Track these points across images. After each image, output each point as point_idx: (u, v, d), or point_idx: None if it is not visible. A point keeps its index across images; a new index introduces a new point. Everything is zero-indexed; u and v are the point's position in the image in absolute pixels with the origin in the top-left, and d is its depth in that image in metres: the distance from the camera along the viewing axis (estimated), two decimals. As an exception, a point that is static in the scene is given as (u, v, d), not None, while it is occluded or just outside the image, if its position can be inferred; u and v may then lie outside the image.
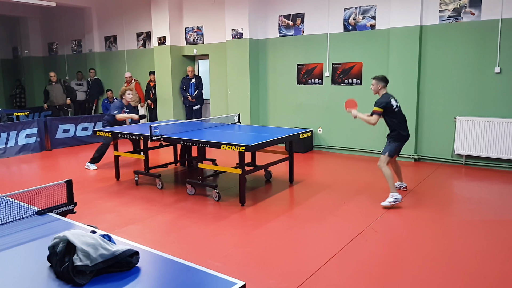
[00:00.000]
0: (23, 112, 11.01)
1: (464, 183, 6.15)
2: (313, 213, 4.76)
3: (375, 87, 5.18)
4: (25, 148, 8.59)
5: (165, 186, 5.92)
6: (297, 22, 8.53)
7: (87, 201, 5.28)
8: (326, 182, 6.09)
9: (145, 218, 4.65)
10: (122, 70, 11.62)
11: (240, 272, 3.31)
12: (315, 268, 3.36)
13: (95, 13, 12.06)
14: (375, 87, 5.17)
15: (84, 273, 1.70)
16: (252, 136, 5.68)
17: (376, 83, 5.16)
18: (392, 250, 3.81)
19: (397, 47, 7.26)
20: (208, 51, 9.95)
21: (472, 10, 6.65)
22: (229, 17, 9.03)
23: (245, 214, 4.77)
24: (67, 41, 13.14)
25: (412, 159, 7.34)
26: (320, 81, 8.38)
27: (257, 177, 6.31)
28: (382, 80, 5.16)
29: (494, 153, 6.60)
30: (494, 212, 4.72)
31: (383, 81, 5.16)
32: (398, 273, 3.33)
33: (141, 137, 5.71)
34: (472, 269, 3.35)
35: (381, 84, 5.15)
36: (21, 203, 2.62)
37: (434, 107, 7.15)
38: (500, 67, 6.50)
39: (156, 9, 10.16)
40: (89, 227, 2.26)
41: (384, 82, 5.17)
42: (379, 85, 5.15)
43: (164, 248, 3.68)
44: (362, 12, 7.70)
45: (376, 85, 5.16)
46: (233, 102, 9.26)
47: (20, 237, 2.20)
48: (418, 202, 5.09)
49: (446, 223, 4.41)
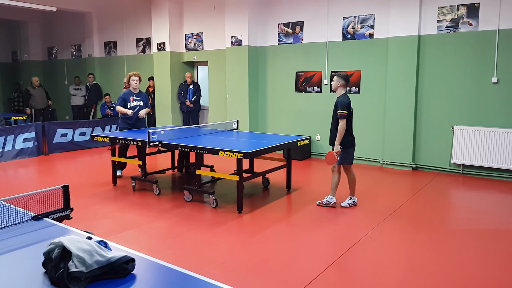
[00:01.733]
0: (21, 116, 11.00)
1: (461, 192, 6.15)
2: (311, 220, 4.75)
3: (335, 83, 5.11)
4: (22, 152, 8.56)
5: (162, 192, 5.90)
6: (297, 30, 8.57)
7: (83, 206, 5.25)
8: (324, 189, 6.07)
9: (142, 224, 4.63)
10: (121, 76, 11.62)
11: (237, 280, 3.29)
12: (312, 276, 3.35)
13: (95, 18, 12.10)
14: (335, 84, 5.11)
15: (79, 280, 1.69)
16: (250, 143, 5.68)
17: (337, 80, 5.10)
18: (389, 259, 3.80)
19: (396, 56, 7.30)
20: (207, 57, 9.98)
21: (469, 20, 6.70)
22: (229, 24, 9.07)
23: (243, 221, 4.75)
24: (67, 45, 13.16)
25: (410, 167, 7.35)
26: (319, 88, 8.41)
27: (254, 184, 6.30)
28: (344, 79, 5.10)
29: (491, 162, 6.61)
30: (491, 221, 4.71)
31: (344, 80, 5.09)
32: (395, 282, 3.32)
33: (139, 142, 5.70)
34: (469, 279, 3.34)
35: (342, 82, 5.08)
36: (17, 208, 2.61)
37: (432, 116, 7.18)
38: (497, 77, 6.54)
39: (156, 15, 10.20)
40: (85, 233, 2.25)
41: (345, 81, 5.10)
42: (339, 83, 5.09)
43: (161, 255, 3.66)
44: (361, 21, 7.75)
45: (337, 81, 5.10)
46: (231, 109, 9.27)
47: (15, 243, 2.18)
48: (415, 211, 5.08)
49: (443, 232, 4.40)
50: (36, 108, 11.50)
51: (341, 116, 4.94)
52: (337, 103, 5.03)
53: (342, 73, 5.28)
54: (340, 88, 5.11)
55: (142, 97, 6.83)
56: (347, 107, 4.97)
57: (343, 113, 4.93)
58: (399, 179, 6.74)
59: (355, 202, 5.28)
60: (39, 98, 11.47)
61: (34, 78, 11.55)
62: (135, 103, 6.69)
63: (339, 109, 4.96)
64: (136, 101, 6.69)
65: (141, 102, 6.78)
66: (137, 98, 6.71)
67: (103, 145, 9.61)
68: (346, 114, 4.95)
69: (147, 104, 6.93)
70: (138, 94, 6.77)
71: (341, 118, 4.94)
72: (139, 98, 6.73)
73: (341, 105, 4.96)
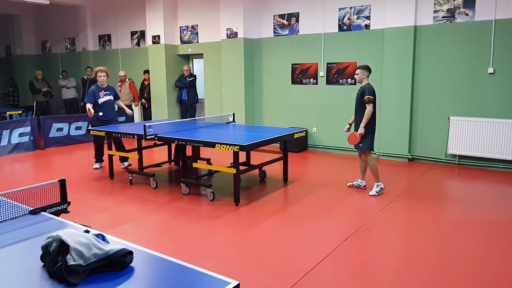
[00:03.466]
0: (16, 111, 10.94)
1: (457, 183, 6.19)
2: (307, 212, 4.77)
3: (360, 76, 5.33)
4: (18, 147, 8.53)
5: (159, 185, 5.91)
6: (292, 22, 8.54)
7: (80, 200, 5.25)
8: (321, 181, 6.10)
9: (139, 217, 4.64)
10: (116, 69, 11.56)
11: (234, 272, 3.31)
12: (309, 268, 3.37)
13: (89, 12, 12.00)
14: (360, 76, 5.33)
15: (77, 273, 1.69)
16: (247, 136, 5.68)
17: (361, 72, 5.32)
18: (385, 250, 3.83)
19: (391, 47, 7.29)
20: (202, 50, 9.93)
21: (466, 10, 6.69)
22: (224, 16, 9.02)
23: (240, 213, 4.77)
24: (61, 39, 13.06)
25: (406, 159, 7.38)
26: (315, 80, 8.40)
27: (251, 177, 6.32)
28: (367, 69, 5.35)
29: (487, 153, 6.65)
30: (487, 212, 4.75)
31: (368, 71, 5.35)
32: (392, 273, 3.35)
33: (135, 136, 5.69)
34: (465, 269, 3.37)
35: (367, 73, 5.33)
36: (14, 202, 2.60)
37: (428, 107, 7.19)
38: (493, 67, 6.55)
39: (150, 8, 10.12)
40: (83, 226, 2.25)
41: (369, 71, 5.36)
42: (365, 74, 5.32)
43: (158, 248, 3.67)
44: (357, 12, 7.72)
45: (362, 74, 5.32)
46: (227, 102, 9.25)
47: (13, 237, 2.18)
48: (411, 202, 5.12)
49: (439, 223, 4.44)
50: (39, 101, 11.63)
51: (369, 101, 5.18)
52: (364, 90, 5.26)
53: (363, 64, 5.45)
54: (365, 79, 5.34)
55: (111, 91, 6.88)
56: (373, 93, 5.23)
57: (370, 98, 5.18)
58: (395, 170, 6.77)
59: (382, 188, 5.42)
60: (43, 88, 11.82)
61: (38, 71, 11.85)
62: (106, 98, 6.74)
63: (367, 94, 5.20)
64: (106, 95, 6.74)
65: (111, 97, 6.84)
66: (107, 93, 6.76)
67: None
68: (373, 99, 5.20)
69: (116, 96, 7.00)
70: (107, 88, 6.80)
71: (368, 103, 5.18)
72: (108, 93, 6.78)
73: (368, 91, 5.21)
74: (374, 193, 5.35)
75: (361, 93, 5.30)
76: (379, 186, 5.39)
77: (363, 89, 5.28)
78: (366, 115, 5.19)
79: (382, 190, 5.40)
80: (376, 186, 5.39)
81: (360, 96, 5.30)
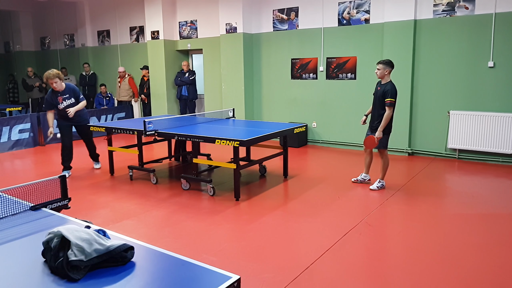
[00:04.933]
0: (16, 107, 10.94)
1: (457, 177, 6.19)
2: (308, 207, 4.78)
3: (381, 71, 5.08)
4: (18, 143, 8.53)
5: (160, 181, 5.91)
6: (292, 16, 8.51)
7: (81, 196, 5.26)
8: (321, 176, 6.11)
9: (140, 213, 4.65)
10: (116, 65, 11.54)
11: (235, 266, 3.33)
12: (309, 262, 3.38)
13: (87, 7, 11.95)
14: (382, 72, 5.08)
15: (78, 268, 1.70)
16: (247, 131, 5.68)
17: (383, 67, 5.07)
18: (385, 244, 3.84)
19: (391, 41, 7.27)
20: (202, 45, 9.91)
21: (466, 4, 6.67)
22: (223, 11, 8.98)
23: (240, 208, 4.78)
24: (60, 35, 13.02)
25: (406, 153, 7.38)
26: (315, 75, 8.38)
27: (251, 172, 6.32)
28: (389, 64, 5.09)
29: (487, 147, 6.65)
30: (487, 206, 4.76)
31: (391, 66, 5.10)
32: (392, 267, 3.36)
33: (135, 132, 5.69)
34: (465, 263, 3.39)
35: (389, 69, 5.09)
36: (15, 199, 2.61)
37: (427, 101, 7.18)
38: (493, 61, 6.53)
39: (149, 3, 10.08)
40: (84, 222, 2.26)
41: (391, 67, 5.10)
42: (387, 70, 5.08)
43: (159, 243, 3.68)
44: (357, 6, 7.69)
45: (383, 69, 5.07)
46: (227, 97, 9.24)
47: (14, 233, 2.19)
48: (411, 196, 5.13)
49: (439, 217, 4.45)
50: (33, 98, 11.61)
51: (391, 104, 5.01)
52: (386, 92, 5.02)
53: (386, 59, 5.16)
54: (387, 76, 5.10)
55: (70, 93, 6.16)
56: (396, 95, 5.03)
57: (392, 101, 5.00)
58: (395, 165, 6.77)
59: (383, 185, 5.41)
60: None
61: (28, 68, 11.81)
62: (66, 103, 6.10)
63: (388, 97, 4.99)
64: (66, 99, 6.10)
65: (72, 100, 6.16)
66: (66, 96, 6.09)
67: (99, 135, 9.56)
68: (394, 102, 5.03)
69: (79, 97, 6.25)
70: (64, 92, 6.10)
71: (390, 106, 5.02)
72: (68, 96, 6.11)
73: (390, 93, 5.00)
74: (375, 187, 5.36)
75: (382, 93, 5.07)
76: (381, 183, 5.38)
77: (386, 89, 5.03)
78: (386, 118, 5.04)
79: (383, 188, 5.39)
80: (379, 182, 5.39)
81: (382, 95, 5.08)
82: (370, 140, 5.19)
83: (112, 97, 11.23)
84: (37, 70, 13.20)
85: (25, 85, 11.77)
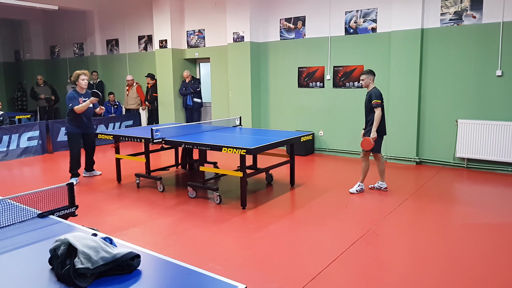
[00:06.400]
0: (25, 115, 11.06)
1: (466, 187, 6.13)
2: (314, 216, 4.75)
3: (366, 81, 5.51)
4: (27, 151, 8.61)
5: (166, 189, 5.92)
6: (298, 25, 8.55)
7: (88, 204, 5.28)
8: (328, 185, 6.08)
9: (146, 221, 4.65)
10: (124, 73, 11.64)
11: (241, 275, 3.31)
12: (316, 271, 3.35)
13: (97, 17, 12.11)
14: (366, 81, 5.51)
15: (85, 276, 1.70)
16: (253, 139, 5.68)
17: (366, 77, 5.50)
18: (393, 254, 3.80)
19: (399, 50, 7.26)
20: (209, 54, 9.97)
21: (473, 13, 6.65)
22: (230, 20, 9.05)
23: (246, 217, 4.76)
24: (69, 44, 13.19)
25: (414, 162, 7.33)
26: (322, 84, 8.38)
27: (258, 180, 6.31)
28: (371, 73, 5.53)
29: (496, 156, 6.58)
30: (496, 215, 4.70)
31: (373, 75, 5.53)
32: (400, 277, 3.32)
33: (143, 140, 5.72)
34: (474, 273, 3.34)
35: (371, 77, 5.51)
36: (22, 206, 2.63)
37: (435, 110, 7.15)
38: (501, 70, 6.49)
39: (157, 13, 10.19)
40: (90, 230, 2.26)
41: (373, 75, 5.54)
42: (370, 78, 5.50)
43: (165, 251, 3.68)
44: (363, 15, 7.71)
45: (367, 79, 5.50)
46: (234, 105, 9.27)
47: (21, 240, 2.20)
48: (419, 205, 5.08)
49: (448, 226, 4.40)
50: (41, 106, 11.70)
51: (377, 105, 5.37)
52: (371, 95, 5.44)
53: (367, 69, 5.60)
54: (371, 83, 5.52)
55: (89, 96, 6.35)
56: (380, 97, 5.40)
57: (378, 102, 5.37)
58: (403, 174, 6.73)
59: (380, 187, 5.70)
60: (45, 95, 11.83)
61: (38, 76, 11.85)
62: (84, 104, 6.23)
63: (374, 99, 5.38)
64: (84, 101, 6.24)
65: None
66: (86, 99, 6.24)
67: (107, 143, 9.63)
68: (381, 103, 5.39)
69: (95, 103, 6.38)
70: (85, 94, 6.32)
71: (376, 107, 5.37)
72: (87, 99, 6.25)
73: (375, 95, 5.39)
74: (354, 191, 5.57)
75: (368, 98, 5.47)
76: (361, 187, 5.61)
77: (370, 94, 5.44)
78: (376, 119, 5.37)
79: (362, 192, 5.60)
80: (358, 186, 5.61)
81: (368, 101, 5.47)
82: (366, 142, 5.43)
83: (120, 105, 11.33)
84: (46, 78, 13.36)
85: (33, 94, 11.89)
